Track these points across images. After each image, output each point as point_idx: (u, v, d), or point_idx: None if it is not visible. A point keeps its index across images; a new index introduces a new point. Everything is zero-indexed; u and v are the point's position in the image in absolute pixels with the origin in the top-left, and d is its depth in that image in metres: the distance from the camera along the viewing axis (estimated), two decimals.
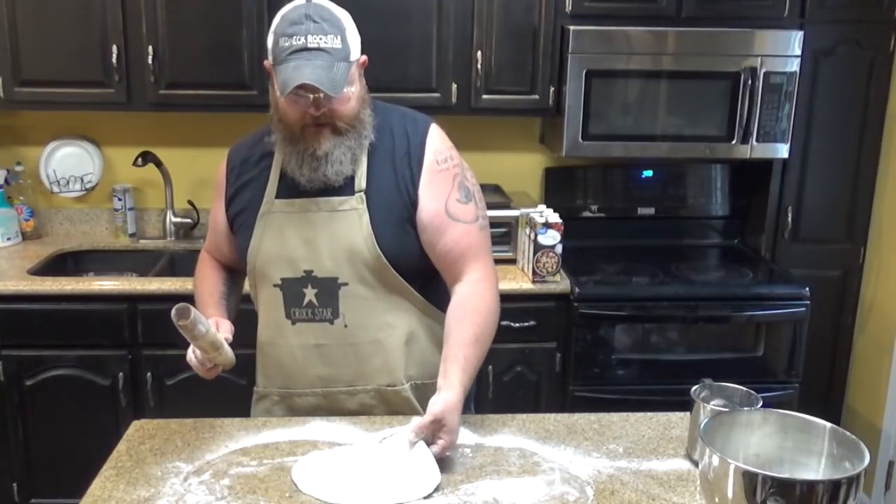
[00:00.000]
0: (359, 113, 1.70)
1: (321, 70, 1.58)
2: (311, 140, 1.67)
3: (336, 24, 1.62)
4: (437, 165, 1.75)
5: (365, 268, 1.73)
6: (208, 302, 1.87)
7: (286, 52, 1.60)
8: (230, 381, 2.82)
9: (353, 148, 1.70)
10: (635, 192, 3.39)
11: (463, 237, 1.75)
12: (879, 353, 3.16)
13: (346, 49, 1.63)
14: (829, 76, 3.05)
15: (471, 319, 1.69)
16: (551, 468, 1.59)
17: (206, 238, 1.99)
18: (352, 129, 1.69)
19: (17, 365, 2.81)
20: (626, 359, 2.94)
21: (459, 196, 1.76)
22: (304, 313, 1.77)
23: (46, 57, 2.90)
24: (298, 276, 1.75)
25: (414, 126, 1.78)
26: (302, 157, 1.69)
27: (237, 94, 2.96)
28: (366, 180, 1.72)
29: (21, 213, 3.27)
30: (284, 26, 1.62)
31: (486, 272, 1.77)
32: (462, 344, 1.66)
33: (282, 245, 1.75)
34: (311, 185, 1.71)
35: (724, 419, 1.43)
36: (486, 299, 1.74)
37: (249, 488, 1.51)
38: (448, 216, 1.74)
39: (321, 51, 1.59)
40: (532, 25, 2.95)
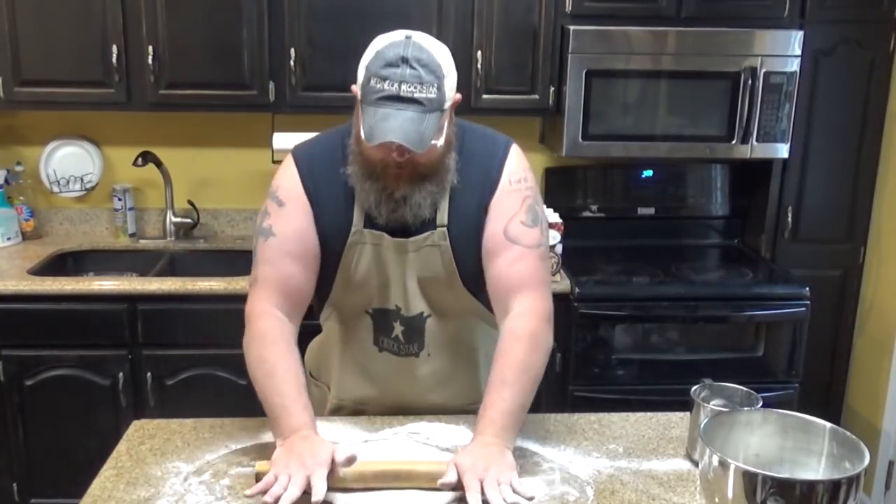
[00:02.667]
0: (443, 157, 1.60)
1: (410, 124, 1.48)
2: (390, 181, 1.58)
3: (434, 71, 1.50)
4: (510, 185, 1.66)
5: (449, 302, 1.71)
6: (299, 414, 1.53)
7: (377, 94, 1.49)
8: (230, 381, 2.83)
9: (434, 193, 1.61)
10: (635, 192, 3.39)
11: (518, 261, 1.62)
12: (879, 353, 3.16)
13: (440, 99, 1.51)
14: (829, 76, 3.05)
15: (518, 354, 1.57)
16: (551, 468, 1.59)
17: (263, 277, 1.65)
18: (435, 174, 1.60)
19: (17, 365, 2.81)
20: (626, 359, 2.94)
21: (525, 219, 1.65)
22: (391, 345, 1.75)
23: (46, 57, 2.90)
24: (390, 309, 1.71)
25: (494, 147, 1.69)
26: (380, 197, 1.60)
27: (237, 94, 2.96)
28: (447, 214, 1.65)
29: (21, 213, 3.26)
30: (378, 66, 1.49)
31: (540, 306, 1.63)
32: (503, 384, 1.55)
33: (375, 276, 1.68)
34: (388, 225, 1.63)
35: (724, 419, 1.43)
36: (536, 333, 1.60)
37: (249, 488, 1.51)
38: (506, 236, 1.63)
39: (414, 101, 1.48)
40: (532, 25, 2.95)
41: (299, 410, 1.53)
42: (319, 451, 1.45)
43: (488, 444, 1.49)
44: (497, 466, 1.45)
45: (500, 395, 1.55)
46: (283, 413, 1.53)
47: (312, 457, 1.44)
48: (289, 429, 1.51)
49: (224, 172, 3.35)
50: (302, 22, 2.90)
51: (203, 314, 2.80)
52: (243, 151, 3.32)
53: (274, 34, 2.92)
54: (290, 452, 1.46)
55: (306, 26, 2.91)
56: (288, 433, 1.50)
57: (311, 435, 1.51)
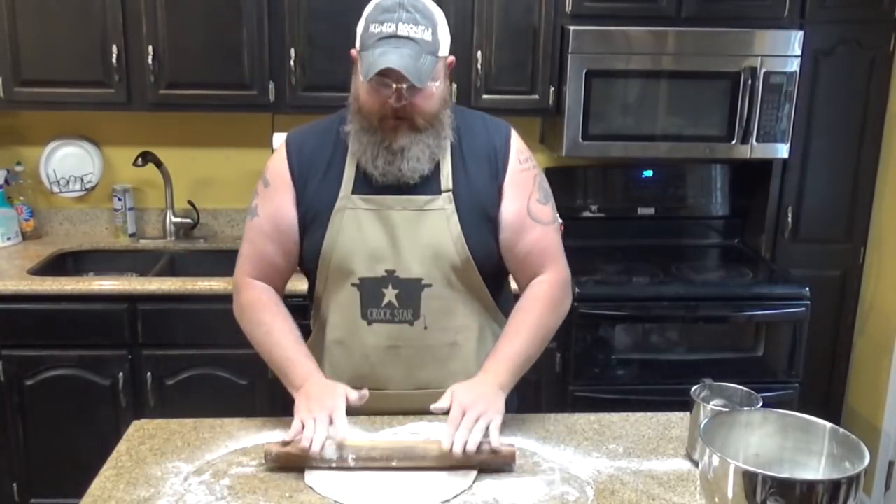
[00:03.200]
0: (439, 112, 1.67)
1: (408, 59, 1.55)
2: (388, 132, 1.64)
3: (429, 17, 1.60)
4: (520, 164, 1.74)
5: (451, 269, 1.71)
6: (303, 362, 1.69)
7: (375, 38, 1.57)
8: (230, 381, 2.83)
9: (431, 146, 1.66)
10: (635, 192, 3.39)
11: (542, 238, 1.75)
12: (879, 353, 3.16)
13: (435, 43, 1.60)
14: (829, 76, 3.05)
15: (535, 312, 1.73)
16: (551, 468, 1.59)
17: (245, 254, 1.78)
18: (430, 128, 1.66)
19: (17, 365, 2.81)
20: (626, 359, 2.94)
21: (539, 196, 1.76)
22: (382, 314, 1.73)
23: (46, 57, 2.90)
24: (379, 276, 1.70)
25: (496, 127, 1.77)
26: (377, 149, 1.65)
27: (237, 94, 2.97)
28: (451, 180, 1.70)
29: (21, 213, 3.27)
30: (377, 13, 1.59)
31: (560, 274, 1.79)
32: (516, 333, 1.70)
33: (360, 243, 1.69)
34: (384, 179, 1.66)
35: (724, 419, 1.43)
36: (556, 298, 1.76)
37: (249, 488, 1.51)
38: (530, 216, 1.74)
39: (410, 40, 1.56)
40: (532, 25, 2.95)
41: (303, 359, 1.69)
42: (334, 392, 1.60)
43: (487, 384, 1.62)
44: (484, 405, 1.56)
45: (512, 342, 1.69)
46: (290, 364, 1.69)
47: (330, 398, 1.58)
48: (299, 377, 1.66)
49: (224, 172, 3.35)
50: (302, 22, 2.90)
51: (203, 314, 2.79)
52: (243, 151, 3.32)
53: (274, 34, 2.92)
54: (308, 397, 1.60)
55: (306, 26, 2.91)
56: (300, 381, 1.65)
57: (320, 380, 1.66)
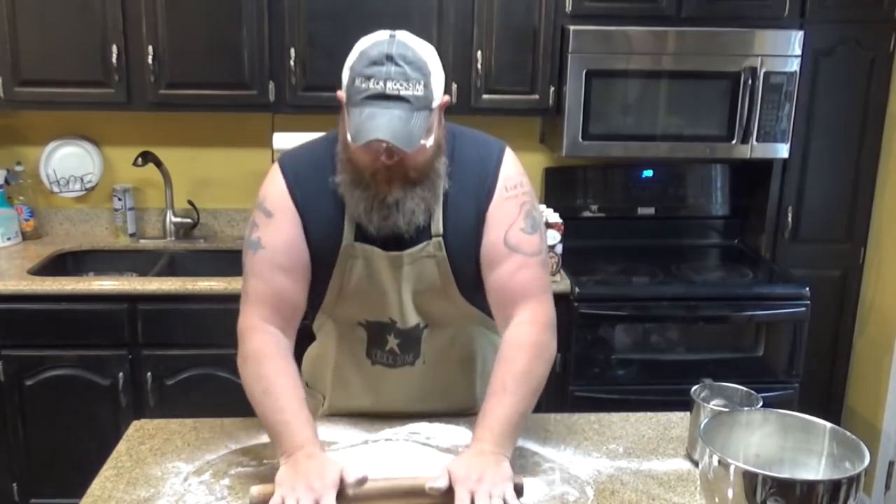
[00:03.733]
0: (433, 161, 1.55)
1: (398, 122, 1.42)
2: (381, 186, 1.52)
3: (420, 68, 1.45)
4: (506, 192, 1.61)
5: (446, 312, 1.68)
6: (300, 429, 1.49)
7: (362, 94, 1.44)
8: (230, 381, 2.82)
9: (427, 199, 1.56)
10: (635, 192, 3.39)
11: (520, 269, 1.59)
12: (879, 353, 3.16)
13: (427, 96, 1.46)
14: (829, 76, 3.05)
15: (520, 362, 1.55)
16: (551, 468, 1.59)
17: (254, 293, 1.61)
18: (425, 179, 1.55)
19: (17, 365, 2.81)
20: (626, 359, 2.94)
21: (524, 225, 1.60)
22: (385, 357, 1.71)
23: (46, 57, 2.90)
24: (384, 322, 1.67)
25: (488, 154, 1.64)
26: (371, 204, 1.54)
27: (237, 94, 2.96)
28: (442, 223, 1.61)
29: (21, 213, 3.26)
30: (363, 65, 1.45)
31: (544, 314, 1.61)
32: (503, 391, 1.52)
33: (366, 290, 1.63)
34: (379, 233, 1.57)
35: (724, 419, 1.43)
36: (540, 342, 1.58)
37: (249, 488, 1.51)
38: (506, 245, 1.59)
39: (400, 99, 1.43)
40: (532, 25, 2.95)
41: (301, 426, 1.49)
42: (327, 472, 1.40)
43: (484, 453, 1.45)
44: (491, 477, 1.41)
45: (500, 401, 1.51)
46: (285, 429, 1.48)
47: (320, 478, 1.39)
48: (292, 445, 1.46)
49: (224, 172, 3.35)
50: (302, 22, 2.90)
51: (203, 314, 2.79)
52: (243, 151, 3.32)
53: (274, 34, 2.92)
54: (295, 473, 1.41)
55: (306, 26, 2.91)
56: (291, 450, 1.45)
57: (316, 452, 1.45)
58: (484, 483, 1.39)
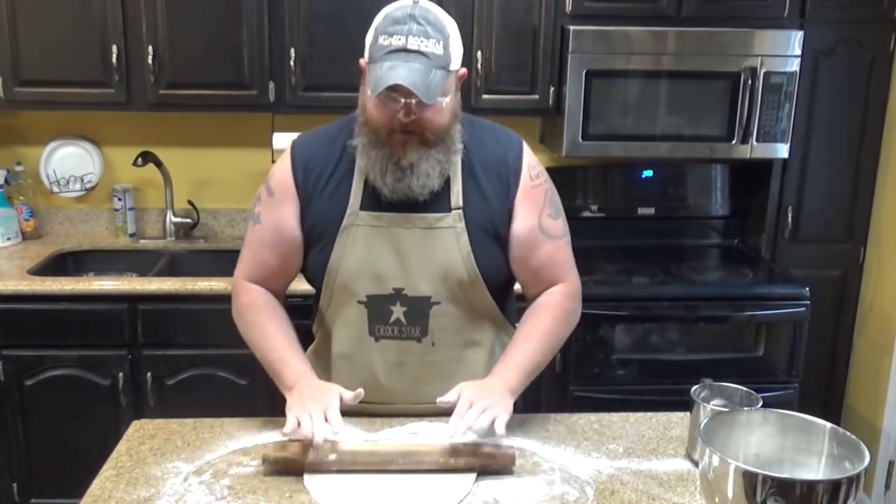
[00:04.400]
0: (449, 126, 1.62)
1: (417, 74, 1.50)
2: (396, 147, 1.59)
3: (440, 30, 1.54)
4: (532, 181, 1.72)
5: (460, 287, 1.69)
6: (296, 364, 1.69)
7: (384, 50, 1.52)
8: (230, 381, 2.83)
9: (442, 162, 1.62)
10: (635, 192, 3.39)
11: (555, 253, 1.75)
12: (879, 353, 3.16)
13: (446, 56, 1.54)
14: (829, 76, 3.05)
15: (546, 320, 1.73)
16: (551, 468, 1.60)
17: (245, 259, 1.77)
18: (441, 143, 1.61)
19: (17, 365, 2.81)
20: (626, 359, 2.94)
21: (550, 211, 1.74)
22: (390, 331, 1.71)
23: (46, 57, 2.90)
24: (387, 294, 1.68)
25: (508, 141, 1.74)
26: (386, 165, 1.60)
27: (237, 94, 2.97)
28: (462, 197, 1.66)
29: (21, 213, 3.27)
30: (386, 24, 1.54)
31: (572, 286, 1.80)
32: (527, 339, 1.71)
33: (368, 260, 1.66)
34: (393, 196, 1.62)
35: (724, 419, 1.43)
36: (567, 308, 1.77)
37: (249, 488, 1.51)
38: (541, 232, 1.73)
39: (420, 54, 1.51)
40: (532, 25, 2.95)
41: (297, 361, 1.69)
42: (329, 390, 1.61)
43: (496, 384, 1.62)
44: (494, 400, 1.56)
45: (522, 348, 1.70)
46: (283, 366, 1.68)
47: (324, 395, 1.58)
48: (291, 378, 1.66)
49: (224, 172, 3.35)
50: (302, 22, 2.90)
51: (203, 314, 2.79)
52: (243, 151, 3.32)
53: (274, 34, 2.92)
54: (301, 396, 1.59)
55: (306, 26, 2.91)
56: (292, 382, 1.65)
57: (313, 379, 1.66)
58: (485, 400, 1.55)
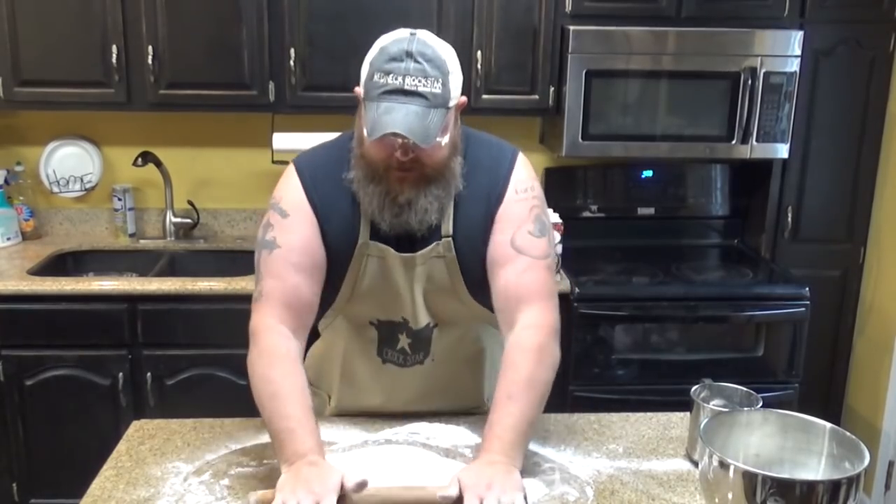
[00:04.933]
0: (449, 160, 1.56)
1: (414, 117, 1.43)
2: (393, 183, 1.53)
3: (439, 66, 1.47)
4: (515, 195, 1.62)
5: (454, 311, 1.69)
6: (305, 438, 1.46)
7: (380, 89, 1.45)
8: (230, 381, 2.83)
9: (441, 197, 1.56)
10: (635, 192, 3.39)
11: (525, 271, 1.58)
12: (879, 353, 3.16)
13: (445, 95, 1.47)
14: (829, 76, 3.05)
15: (525, 367, 1.53)
16: (551, 468, 1.59)
17: (269, 293, 1.58)
18: (440, 178, 1.55)
19: (17, 365, 2.81)
20: (626, 359, 2.94)
21: (532, 228, 1.61)
22: (396, 357, 1.72)
23: (46, 57, 2.90)
24: (396, 321, 1.68)
25: (501, 157, 1.65)
26: (383, 201, 1.54)
27: (237, 94, 2.96)
28: (452, 224, 1.61)
29: (21, 213, 3.26)
30: (382, 61, 1.46)
31: (548, 318, 1.59)
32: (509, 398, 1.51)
33: (380, 288, 1.64)
34: (391, 231, 1.58)
35: (724, 419, 1.44)
36: (545, 346, 1.56)
37: (249, 488, 1.51)
38: (512, 246, 1.59)
39: (418, 95, 1.44)
40: (532, 25, 2.95)
41: (306, 434, 1.46)
42: (328, 478, 1.38)
43: (494, 462, 1.43)
44: (501, 485, 1.38)
45: (507, 410, 1.49)
46: (290, 437, 1.45)
47: (321, 483, 1.36)
48: (295, 454, 1.43)
49: (224, 172, 3.35)
50: (302, 22, 2.90)
51: (203, 314, 2.80)
52: (243, 151, 3.32)
53: (274, 34, 2.92)
54: (296, 479, 1.38)
55: (306, 26, 2.91)
56: (294, 458, 1.43)
57: (318, 461, 1.43)
58: (493, 490, 1.37)
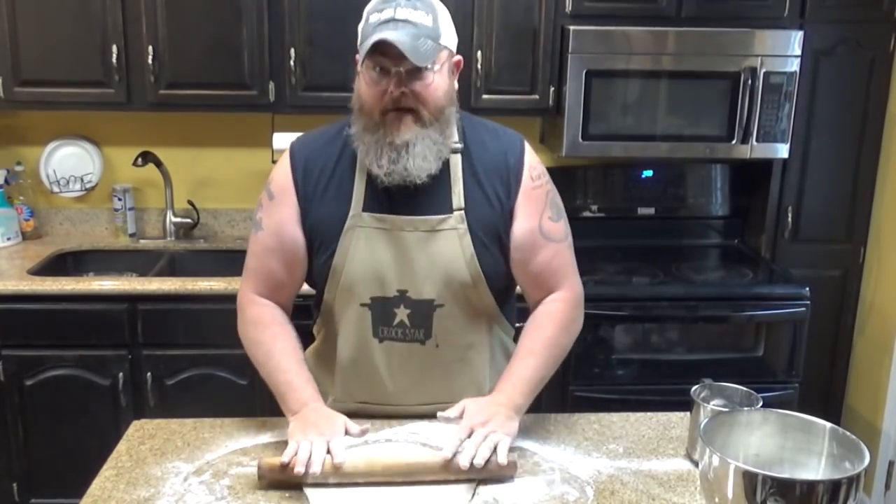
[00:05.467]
0: (444, 107, 1.59)
1: (405, 36, 1.48)
2: (390, 127, 1.56)
3: (429, 5, 1.55)
4: (533, 182, 1.68)
5: (463, 290, 1.67)
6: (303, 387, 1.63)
7: (373, 25, 1.52)
8: (230, 381, 2.83)
9: (438, 143, 1.59)
10: (635, 192, 3.39)
11: (555, 256, 1.71)
12: (879, 353, 3.16)
13: (436, 29, 1.53)
14: (829, 76, 3.05)
15: (548, 330, 1.69)
16: (551, 468, 1.59)
17: (250, 270, 1.71)
18: (435, 122, 1.58)
19: (17, 365, 2.81)
20: (626, 359, 2.94)
21: (551, 214, 1.71)
22: (393, 332, 1.69)
23: (46, 57, 2.90)
24: (390, 296, 1.65)
25: (509, 142, 1.71)
26: (381, 147, 1.56)
27: (237, 94, 2.96)
28: (463, 198, 1.64)
29: (21, 213, 3.27)
30: (375, 4, 1.55)
31: (574, 291, 1.75)
32: (530, 353, 1.67)
33: (372, 263, 1.64)
34: (389, 179, 1.58)
35: (724, 419, 1.43)
36: (569, 316, 1.72)
37: (249, 488, 1.51)
38: (541, 235, 1.69)
39: (408, 23, 1.50)
40: (532, 25, 2.95)
41: (303, 384, 1.62)
42: (334, 421, 1.56)
43: (500, 404, 1.58)
44: (495, 425, 1.53)
45: (526, 362, 1.65)
46: (289, 388, 1.62)
47: (328, 426, 1.54)
48: (297, 402, 1.60)
49: (224, 172, 3.36)
50: (302, 22, 2.90)
51: (203, 314, 2.80)
52: (243, 151, 3.32)
53: (274, 34, 2.92)
54: (305, 423, 1.55)
55: (306, 26, 2.91)
56: (298, 406, 1.60)
57: (320, 406, 1.60)
58: (487, 426, 1.52)
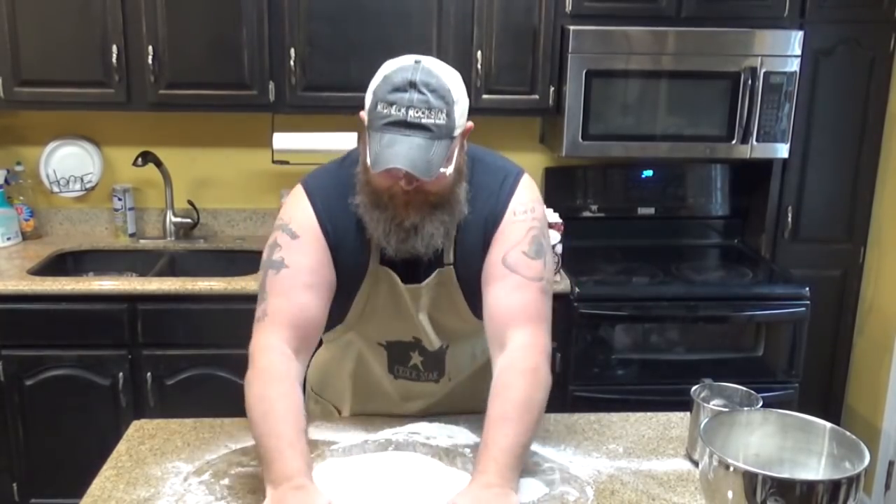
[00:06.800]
0: (453, 188, 1.53)
1: (417, 151, 1.41)
2: (399, 209, 1.51)
3: (443, 97, 1.44)
4: (514, 217, 1.59)
5: (464, 330, 1.70)
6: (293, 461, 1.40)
7: (383, 120, 1.42)
8: (230, 381, 2.83)
9: (446, 222, 1.54)
10: (635, 192, 3.39)
11: (515, 290, 1.54)
12: (879, 353, 3.16)
13: (450, 125, 1.45)
14: (829, 76, 3.05)
15: (519, 388, 1.48)
16: (551, 468, 1.59)
17: (275, 312, 1.54)
18: (445, 204, 1.53)
19: (17, 365, 2.81)
20: (626, 359, 2.94)
21: (527, 249, 1.56)
22: (408, 373, 1.74)
23: (46, 57, 2.90)
24: (407, 341, 1.69)
25: (503, 182, 1.62)
26: (389, 227, 1.52)
27: (237, 94, 2.96)
28: (453, 252, 1.61)
29: (21, 213, 3.27)
30: (385, 91, 1.43)
31: (539, 339, 1.53)
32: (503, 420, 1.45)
33: (389, 311, 1.65)
34: (397, 256, 1.56)
35: (724, 419, 1.44)
36: (538, 366, 1.51)
37: (249, 488, 1.51)
38: (504, 264, 1.55)
39: (421, 127, 1.42)
40: (532, 25, 2.95)
41: (295, 456, 1.40)
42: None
43: (490, 485, 1.39)
44: None
45: (502, 431, 1.44)
46: (278, 457, 1.39)
47: None
48: (281, 476, 1.37)
49: (224, 172, 3.35)
50: (302, 22, 2.90)
51: (203, 314, 2.80)
52: (243, 151, 3.32)
53: (274, 34, 2.92)
54: None
55: (306, 26, 2.91)
56: (280, 480, 1.37)
57: (304, 484, 1.37)
58: None
